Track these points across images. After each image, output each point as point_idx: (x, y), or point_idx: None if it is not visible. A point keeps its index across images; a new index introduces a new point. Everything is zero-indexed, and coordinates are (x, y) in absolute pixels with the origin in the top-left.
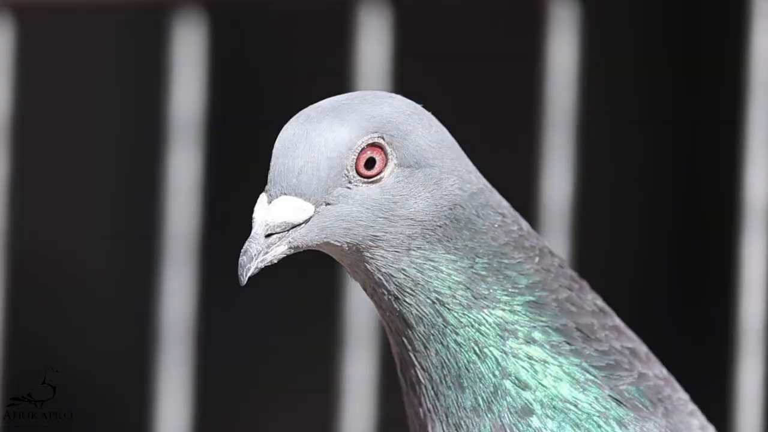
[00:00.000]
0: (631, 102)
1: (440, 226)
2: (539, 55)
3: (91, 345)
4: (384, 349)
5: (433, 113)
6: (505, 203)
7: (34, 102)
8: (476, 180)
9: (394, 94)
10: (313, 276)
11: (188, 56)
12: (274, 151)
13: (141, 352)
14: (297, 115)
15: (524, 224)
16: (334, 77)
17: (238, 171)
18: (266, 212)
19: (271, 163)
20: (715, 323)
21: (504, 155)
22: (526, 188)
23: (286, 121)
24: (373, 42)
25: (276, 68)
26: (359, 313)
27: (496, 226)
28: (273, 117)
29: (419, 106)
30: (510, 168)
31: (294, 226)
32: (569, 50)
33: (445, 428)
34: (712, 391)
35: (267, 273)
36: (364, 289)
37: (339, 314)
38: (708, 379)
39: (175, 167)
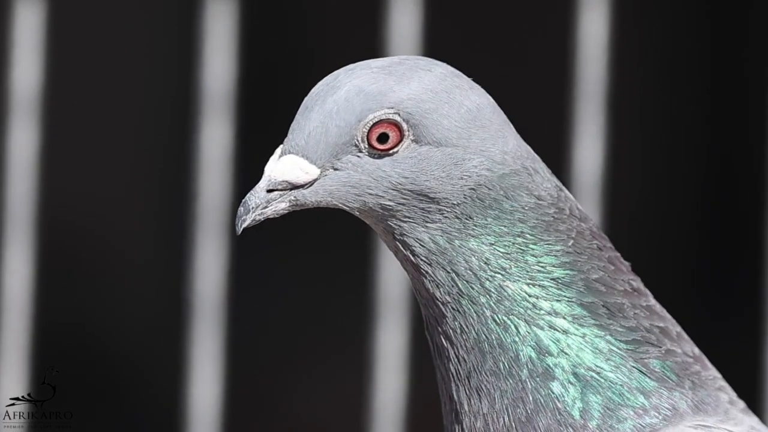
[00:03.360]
0: (660, 74)
1: (458, 205)
2: (570, 28)
3: (124, 316)
4: (415, 322)
5: None
6: (548, 185)
7: (67, 76)
8: (512, 161)
9: (436, 64)
10: (346, 249)
11: (220, 29)
12: (302, 104)
13: (175, 323)
14: (335, 72)
15: (569, 207)
16: (366, 49)
17: (269, 143)
18: (273, 167)
19: (295, 116)
20: (745, 293)
21: (535, 126)
22: (558, 159)
23: None
24: (405, 13)
25: (307, 40)
26: (391, 286)
27: (526, 208)
28: (304, 89)
29: (460, 80)
30: (541, 139)
31: (296, 187)
32: (600, 23)
33: (467, 391)
34: (742, 364)
35: (301, 245)
36: (389, 248)
37: (371, 287)
38: (737, 351)
39: (207, 140)
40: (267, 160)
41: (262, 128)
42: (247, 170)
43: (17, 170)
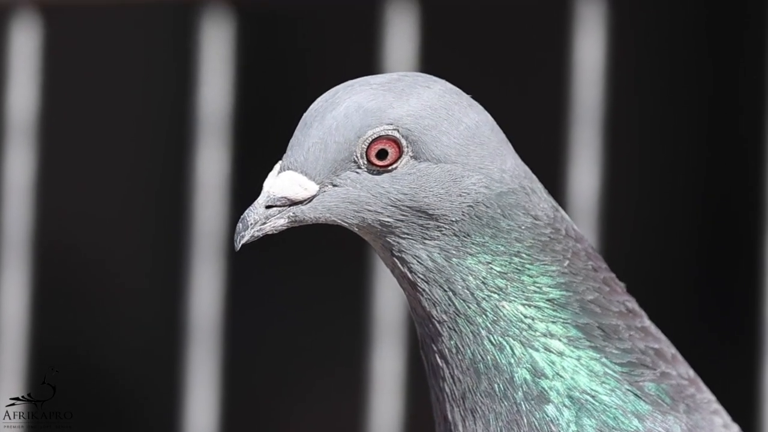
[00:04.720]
0: (657, 98)
1: (456, 222)
2: (566, 52)
3: (120, 341)
4: (411, 345)
5: None
6: (545, 206)
7: (63, 99)
8: (510, 180)
9: (435, 81)
10: (342, 272)
11: (216, 53)
12: (300, 120)
13: (170, 347)
14: (334, 88)
15: (565, 228)
16: (362, 71)
17: (265, 168)
18: (272, 183)
19: (294, 132)
20: (741, 316)
21: (532, 150)
22: (554, 182)
23: None
24: (401, 38)
25: (303, 65)
26: (387, 309)
27: (523, 228)
28: (300, 114)
29: (459, 97)
30: (538, 162)
31: (295, 203)
32: (596, 47)
33: (461, 412)
34: (738, 387)
35: (297, 269)
36: (386, 265)
37: (367, 310)
38: (734, 374)
39: (202, 164)
40: (263, 182)
41: (258, 153)
42: (244, 194)
43: (13, 194)
